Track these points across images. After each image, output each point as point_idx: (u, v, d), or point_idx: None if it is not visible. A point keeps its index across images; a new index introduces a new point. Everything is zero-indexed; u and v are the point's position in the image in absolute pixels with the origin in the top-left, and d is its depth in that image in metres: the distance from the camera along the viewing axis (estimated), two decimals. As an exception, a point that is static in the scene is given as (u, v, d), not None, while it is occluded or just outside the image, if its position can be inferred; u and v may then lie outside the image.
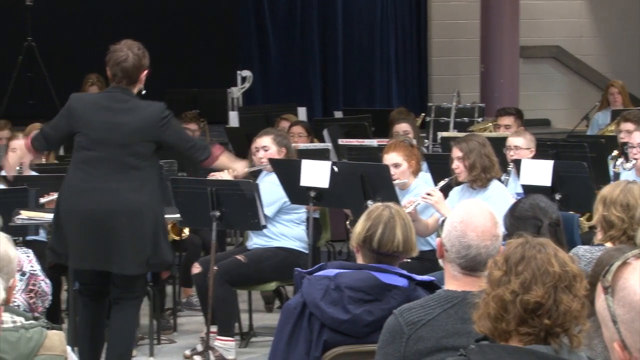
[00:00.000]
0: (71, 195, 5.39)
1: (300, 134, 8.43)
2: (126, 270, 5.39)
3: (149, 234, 5.38)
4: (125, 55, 5.40)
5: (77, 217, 5.34)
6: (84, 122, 5.39)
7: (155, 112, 5.42)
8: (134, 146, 5.36)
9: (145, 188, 5.39)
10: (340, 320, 3.65)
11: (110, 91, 5.51)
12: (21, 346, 2.65)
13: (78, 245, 5.35)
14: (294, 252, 6.50)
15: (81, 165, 5.39)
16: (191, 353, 6.37)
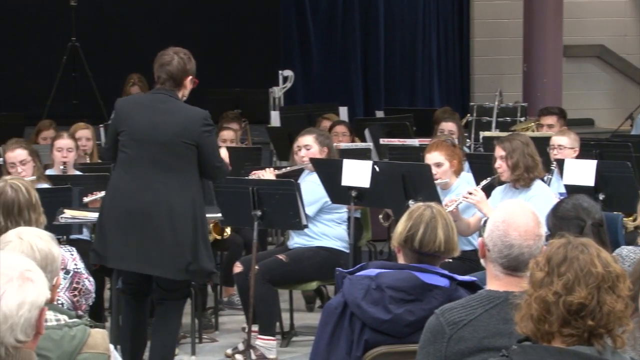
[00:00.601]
0: (113, 195, 5.42)
1: (344, 133, 8.43)
2: (166, 274, 5.41)
3: (188, 238, 5.37)
4: (170, 58, 5.43)
5: (118, 217, 5.36)
6: (127, 121, 5.42)
7: (199, 115, 5.43)
8: (176, 146, 5.37)
9: (187, 190, 5.39)
10: (382, 320, 3.64)
11: (154, 92, 5.54)
12: (65, 344, 2.67)
13: (118, 246, 5.37)
14: (335, 251, 6.50)
15: (124, 166, 5.42)
16: (232, 352, 6.39)
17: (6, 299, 2.26)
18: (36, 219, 4.24)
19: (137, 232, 5.33)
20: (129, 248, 5.35)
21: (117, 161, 5.48)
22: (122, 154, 5.42)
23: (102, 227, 5.45)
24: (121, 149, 5.43)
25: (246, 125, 10.06)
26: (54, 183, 6.54)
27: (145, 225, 5.33)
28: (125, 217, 5.34)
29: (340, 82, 13.08)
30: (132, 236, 5.33)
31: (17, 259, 2.36)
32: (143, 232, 5.33)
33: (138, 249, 5.35)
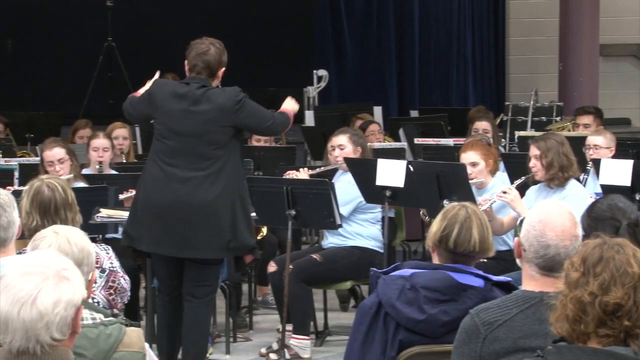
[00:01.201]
0: (149, 184, 5.44)
1: (377, 132, 8.43)
2: (204, 253, 5.41)
3: (226, 219, 5.41)
4: (207, 47, 5.46)
5: (154, 206, 5.39)
6: (162, 110, 5.44)
7: (230, 97, 5.45)
8: (211, 134, 5.40)
9: (220, 177, 5.41)
10: (416, 320, 3.64)
11: (187, 81, 5.53)
12: (100, 342, 2.69)
13: (154, 233, 5.40)
14: (369, 251, 6.49)
15: (160, 155, 5.44)
16: (267, 351, 6.40)
17: (42, 297, 2.28)
18: (72, 218, 4.27)
19: (174, 219, 5.36)
20: (165, 233, 5.38)
21: (153, 150, 5.50)
22: (159, 143, 5.44)
23: (136, 211, 5.48)
24: (158, 138, 5.46)
25: (280, 125, 10.07)
26: (90, 182, 6.58)
27: (182, 213, 5.36)
28: (161, 205, 5.37)
29: (375, 81, 13.06)
30: (168, 222, 5.37)
31: (54, 257, 2.38)
32: (179, 219, 5.36)
33: (174, 234, 5.37)
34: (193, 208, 5.35)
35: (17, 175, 6.57)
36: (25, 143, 9.35)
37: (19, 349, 2.28)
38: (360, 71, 13.12)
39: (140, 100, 5.62)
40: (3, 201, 3.49)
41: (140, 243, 5.47)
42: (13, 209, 3.52)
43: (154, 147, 5.50)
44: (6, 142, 8.51)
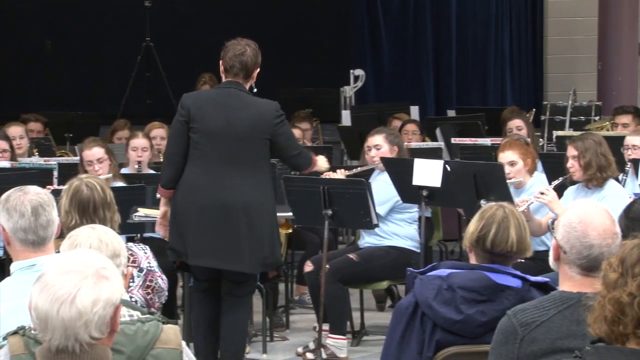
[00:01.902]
0: (189, 191, 5.42)
1: (414, 132, 8.41)
2: (244, 268, 5.43)
3: (266, 232, 5.41)
4: (243, 49, 5.44)
5: (193, 214, 5.38)
6: (199, 118, 5.40)
7: (271, 109, 5.45)
8: (250, 142, 5.39)
9: (262, 184, 5.42)
10: (453, 320, 3.63)
11: (223, 87, 5.52)
12: (138, 339, 2.70)
13: (197, 243, 5.39)
14: (406, 251, 6.49)
15: (197, 162, 5.41)
16: (303, 350, 6.41)
17: (81, 296, 2.29)
18: (111, 217, 4.30)
19: (214, 228, 5.35)
20: (207, 244, 5.37)
21: (190, 158, 5.45)
22: (196, 151, 5.41)
23: (177, 225, 5.46)
24: (195, 146, 5.42)
25: (317, 125, 10.09)
26: (128, 182, 6.62)
27: (222, 221, 5.35)
28: (201, 213, 5.36)
29: (412, 81, 13.04)
30: (209, 232, 5.36)
31: (94, 256, 2.40)
32: (220, 228, 5.35)
33: (216, 245, 5.37)
34: (237, 210, 5.34)
35: (56, 175, 6.63)
36: (65, 143, 9.43)
37: (58, 347, 2.30)
38: (397, 71, 13.10)
39: (173, 131, 5.48)
40: (42, 200, 3.52)
41: (186, 257, 5.45)
42: (52, 208, 3.55)
43: (191, 155, 5.42)
44: (46, 141, 8.58)
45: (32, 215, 3.47)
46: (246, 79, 5.46)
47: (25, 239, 3.47)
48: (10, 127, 7.87)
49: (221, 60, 5.49)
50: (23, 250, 3.49)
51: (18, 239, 3.47)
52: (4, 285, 3.51)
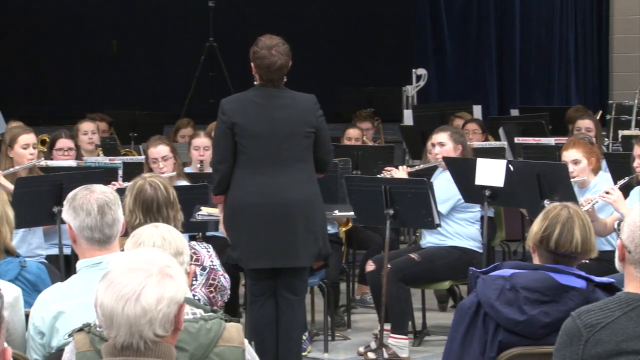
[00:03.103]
0: (241, 193, 5.42)
1: (475, 132, 8.36)
2: (301, 262, 5.44)
3: (320, 224, 5.44)
4: (277, 59, 5.35)
5: (249, 215, 5.39)
6: (242, 122, 5.38)
7: (310, 101, 5.45)
8: (298, 138, 5.40)
9: (312, 180, 5.44)
10: (516, 321, 3.60)
11: (262, 88, 5.47)
12: (201, 337, 2.72)
13: (252, 246, 5.40)
14: (468, 251, 6.45)
15: (246, 164, 5.41)
16: (365, 350, 6.41)
17: (146, 294, 2.31)
18: (174, 216, 4.34)
19: (269, 229, 5.37)
20: (263, 246, 5.39)
21: (239, 161, 5.43)
22: (244, 154, 5.40)
23: (231, 229, 5.49)
24: (242, 150, 5.40)
25: (379, 124, 10.08)
26: (191, 181, 6.67)
27: (278, 221, 5.36)
28: (255, 213, 5.38)
29: (475, 80, 12.96)
30: (264, 234, 5.37)
31: (158, 254, 2.42)
32: (275, 228, 5.36)
33: (272, 245, 5.38)
34: (291, 207, 5.36)
35: (120, 174, 6.70)
36: (129, 142, 9.53)
37: (123, 344, 2.32)
38: (459, 69, 13.03)
39: (218, 140, 5.48)
40: (108, 199, 3.56)
41: (241, 261, 5.49)
42: (118, 206, 3.59)
43: (239, 160, 5.41)
44: (111, 140, 8.69)
45: (98, 214, 3.51)
46: (281, 80, 5.47)
47: (91, 237, 3.51)
48: (83, 122, 8.03)
49: (252, 63, 5.44)
50: (89, 249, 3.53)
51: (84, 237, 3.52)
52: (71, 283, 3.56)
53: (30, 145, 6.26)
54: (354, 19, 13.59)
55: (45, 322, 3.45)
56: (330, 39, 13.12)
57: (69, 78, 13.20)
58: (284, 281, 5.53)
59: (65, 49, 13.28)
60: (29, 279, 4.14)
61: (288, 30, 7.16)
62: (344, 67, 13.06)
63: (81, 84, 13.22)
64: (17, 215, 4.43)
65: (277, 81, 5.43)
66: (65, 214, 3.57)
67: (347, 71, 12.98)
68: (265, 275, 5.54)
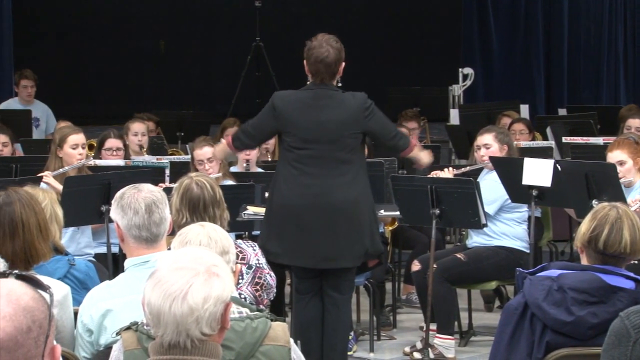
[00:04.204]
0: (285, 192, 5.43)
1: (522, 131, 8.30)
2: (345, 263, 5.44)
3: (366, 225, 5.42)
4: (326, 52, 5.42)
5: (293, 215, 5.40)
6: (290, 122, 5.41)
7: (359, 103, 5.44)
8: (344, 140, 5.40)
9: (358, 180, 5.43)
10: (564, 321, 3.58)
11: (312, 88, 5.51)
12: (247, 335, 2.73)
13: (295, 244, 5.41)
14: (515, 251, 6.41)
15: (293, 163, 5.42)
16: (411, 350, 6.40)
17: (192, 292, 2.32)
18: (220, 215, 4.36)
19: (313, 228, 5.37)
20: (306, 245, 5.40)
21: (284, 159, 5.48)
22: (291, 153, 5.42)
23: (272, 225, 5.48)
24: (288, 149, 5.43)
25: (425, 124, 10.05)
26: (237, 180, 6.70)
27: (322, 220, 5.36)
28: (299, 213, 5.38)
29: (522, 79, 12.88)
30: (307, 232, 5.38)
31: (205, 253, 2.43)
32: (319, 227, 5.37)
33: (315, 245, 5.39)
34: (335, 209, 5.35)
35: (168, 173, 6.75)
36: (176, 141, 9.60)
37: (170, 342, 2.34)
38: (506, 69, 12.95)
39: (260, 117, 5.56)
40: (156, 198, 3.59)
41: (279, 256, 5.46)
42: (165, 206, 3.62)
43: (285, 157, 5.46)
44: (158, 140, 8.75)
45: (146, 213, 3.54)
46: (333, 78, 5.47)
47: (138, 235, 3.54)
48: (134, 123, 8.10)
49: (305, 61, 5.49)
50: (136, 247, 3.56)
51: (132, 236, 3.55)
52: (119, 281, 3.60)
53: (79, 145, 6.33)
54: (400, 18, 13.57)
55: (93, 320, 3.49)
56: (376, 38, 13.11)
57: (118, 78, 13.33)
58: (330, 281, 5.53)
59: (114, 49, 13.41)
60: (77, 277, 4.18)
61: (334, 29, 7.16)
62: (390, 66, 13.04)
63: (129, 83, 13.34)
64: (66, 214, 4.49)
65: (327, 77, 5.43)
66: (114, 212, 3.60)
67: (393, 71, 12.96)
68: (311, 274, 5.54)
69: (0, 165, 6.65)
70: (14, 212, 3.74)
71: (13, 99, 10.32)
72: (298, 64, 5.63)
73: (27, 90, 9.99)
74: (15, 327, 1.78)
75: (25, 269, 3.67)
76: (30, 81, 9.99)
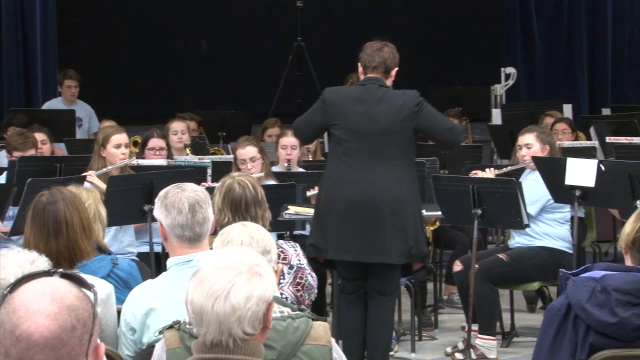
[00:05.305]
0: (333, 187, 5.46)
1: (564, 131, 8.24)
2: (388, 258, 5.43)
3: (411, 223, 5.41)
4: (381, 46, 5.50)
5: (339, 209, 5.41)
6: (340, 116, 5.45)
7: (410, 99, 5.44)
8: (393, 135, 5.40)
9: (406, 177, 5.42)
10: (607, 323, 3.54)
11: (364, 83, 5.54)
12: (289, 335, 2.74)
13: (340, 237, 5.41)
14: (558, 252, 6.37)
15: (342, 158, 5.45)
16: (452, 350, 6.37)
17: (235, 292, 2.33)
18: (262, 215, 4.37)
19: (359, 223, 5.37)
20: (351, 239, 5.40)
21: (333, 153, 5.52)
22: (340, 147, 5.45)
23: (319, 220, 5.50)
24: (338, 143, 5.47)
25: (467, 123, 10.01)
26: (279, 180, 6.71)
27: (367, 215, 5.36)
28: (346, 207, 5.39)
29: (565, 78, 12.78)
30: (353, 227, 5.38)
31: (248, 253, 2.44)
32: (365, 222, 5.36)
33: (360, 239, 5.38)
34: (380, 204, 5.36)
35: (209, 173, 6.78)
36: (218, 141, 9.64)
37: (212, 341, 2.35)
38: (549, 68, 12.86)
39: (311, 113, 5.63)
40: (199, 197, 3.60)
41: (327, 252, 5.48)
42: (208, 205, 3.63)
43: (335, 151, 5.50)
44: (200, 140, 8.79)
45: (190, 212, 3.55)
46: (385, 75, 5.47)
47: (182, 235, 3.56)
48: (174, 122, 8.15)
49: (359, 61, 5.53)
50: (179, 246, 3.58)
51: (175, 235, 3.57)
52: (161, 280, 3.62)
53: (122, 145, 6.37)
54: (442, 18, 13.52)
55: (136, 318, 3.51)
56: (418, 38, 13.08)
57: (160, 78, 13.41)
58: (374, 281, 5.53)
59: (156, 50, 13.49)
60: (120, 276, 4.21)
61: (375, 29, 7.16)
62: (432, 66, 13.01)
63: (171, 83, 13.42)
64: (109, 213, 4.52)
65: (380, 70, 5.45)
66: (157, 211, 3.62)
67: (435, 70, 12.93)
68: (356, 275, 5.54)
69: (45, 164, 6.71)
70: (58, 211, 3.78)
71: (57, 99, 10.42)
72: (339, 64, 5.67)
73: (70, 90, 10.09)
74: (60, 325, 1.80)
75: (69, 267, 3.71)
76: (74, 81, 10.09)
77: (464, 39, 13.43)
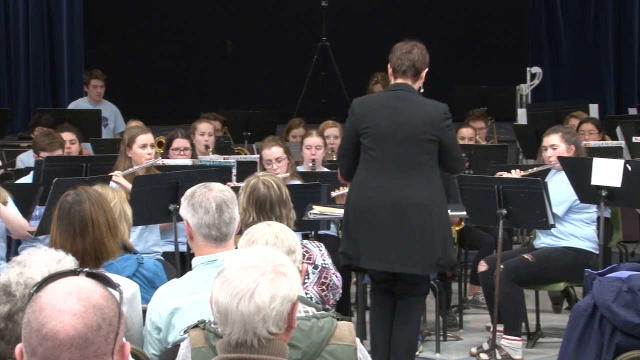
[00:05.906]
0: (360, 194, 5.44)
1: (591, 131, 8.20)
2: (416, 270, 5.41)
3: (438, 232, 5.37)
4: (411, 48, 5.45)
5: (367, 216, 5.39)
6: (368, 122, 5.41)
7: (439, 110, 5.41)
8: (420, 142, 5.37)
9: (432, 184, 5.39)
10: (634, 323, 3.53)
11: (393, 89, 5.51)
12: (313, 335, 2.74)
13: (369, 246, 5.39)
14: (584, 252, 6.34)
15: (369, 165, 5.42)
16: (477, 351, 6.36)
17: (259, 291, 2.33)
18: (287, 215, 4.38)
19: (386, 231, 5.34)
20: (379, 247, 5.37)
21: (362, 161, 5.47)
22: (367, 155, 5.43)
23: (348, 229, 5.49)
24: (365, 151, 5.43)
25: (492, 123, 9.98)
26: (303, 179, 6.72)
27: (394, 224, 5.34)
28: (373, 216, 5.37)
29: (591, 78, 12.71)
30: (381, 235, 5.35)
31: (272, 252, 2.44)
32: (392, 231, 5.34)
33: (388, 248, 5.35)
34: (406, 211, 5.32)
35: (234, 172, 6.79)
36: (242, 141, 9.66)
37: (237, 340, 2.35)
38: (575, 68, 12.80)
39: (345, 135, 5.61)
40: (226, 197, 3.61)
41: (358, 260, 5.47)
42: (235, 205, 3.64)
43: (362, 158, 5.44)
44: (225, 139, 8.81)
45: (216, 212, 3.56)
46: (415, 78, 5.44)
47: (208, 234, 3.57)
48: (202, 123, 8.16)
49: (389, 62, 5.50)
50: (205, 246, 3.59)
51: (201, 235, 3.58)
52: (186, 280, 3.63)
53: (148, 145, 6.39)
54: (467, 18, 13.49)
55: (161, 317, 3.52)
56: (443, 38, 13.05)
57: (185, 78, 13.45)
58: (404, 286, 5.52)
59: (182, 50, 13.54)
60: (146, 275, 4.23)
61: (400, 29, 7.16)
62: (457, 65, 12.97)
63: (196, 83, 13.46)
64: (134, 213, 4.54)
65: (409, 73, 5.41)
66: (184, 210, 3.63)
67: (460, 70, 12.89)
68: (387, 277, 5.54)
69: (71, 164, 6.75)
70: (84, 211, 3.80)
71: (82, 99, 10.48)
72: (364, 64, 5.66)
73: (96, 90, 10.15)
74: (86, 324, 1.81)
75: (95, 266, 3.73)
76: (100, 81, 10.14)
77: (490, 38, 13.39)
